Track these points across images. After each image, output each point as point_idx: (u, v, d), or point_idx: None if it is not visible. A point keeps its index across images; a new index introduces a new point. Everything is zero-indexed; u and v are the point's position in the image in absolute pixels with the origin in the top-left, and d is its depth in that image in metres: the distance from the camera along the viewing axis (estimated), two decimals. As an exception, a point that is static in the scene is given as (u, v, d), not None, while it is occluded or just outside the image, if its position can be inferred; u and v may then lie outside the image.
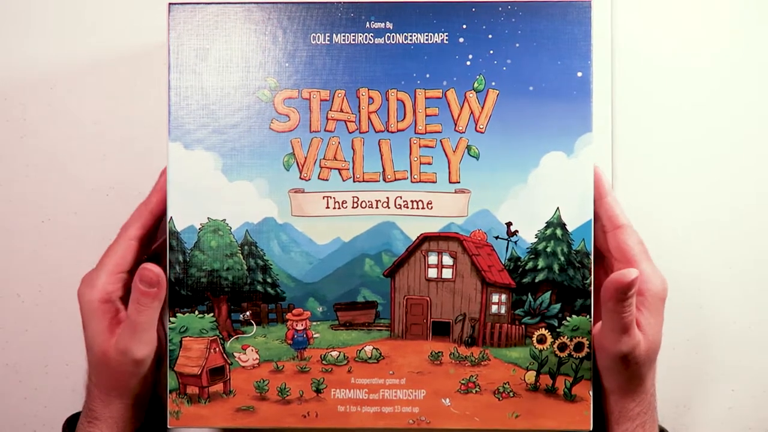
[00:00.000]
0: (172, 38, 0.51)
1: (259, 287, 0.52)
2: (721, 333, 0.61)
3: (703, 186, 0.60)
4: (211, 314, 0.52)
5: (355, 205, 0.51)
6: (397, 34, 0.51)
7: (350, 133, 0.52)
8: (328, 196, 0.51)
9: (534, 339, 0.52)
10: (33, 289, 0.61)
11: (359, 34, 0.51)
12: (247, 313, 0.52)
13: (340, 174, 0.52)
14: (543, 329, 0.52)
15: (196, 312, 0.52)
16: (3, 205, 0.61)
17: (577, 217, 0.51)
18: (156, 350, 0.51)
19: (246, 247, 0.52)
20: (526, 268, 0.52)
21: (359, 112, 0.51)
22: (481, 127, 0.51)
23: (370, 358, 0.52)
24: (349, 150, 0.51)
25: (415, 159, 0.52)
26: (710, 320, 0.61)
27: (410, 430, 0.52)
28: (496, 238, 0.52)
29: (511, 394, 0.52)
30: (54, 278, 0.61)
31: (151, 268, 0.49)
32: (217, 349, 0.52)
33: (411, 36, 0.51)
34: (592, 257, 0.52)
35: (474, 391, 0.52)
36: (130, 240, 0.51)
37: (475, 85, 0.51)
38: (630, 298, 0.48)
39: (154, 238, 0.54)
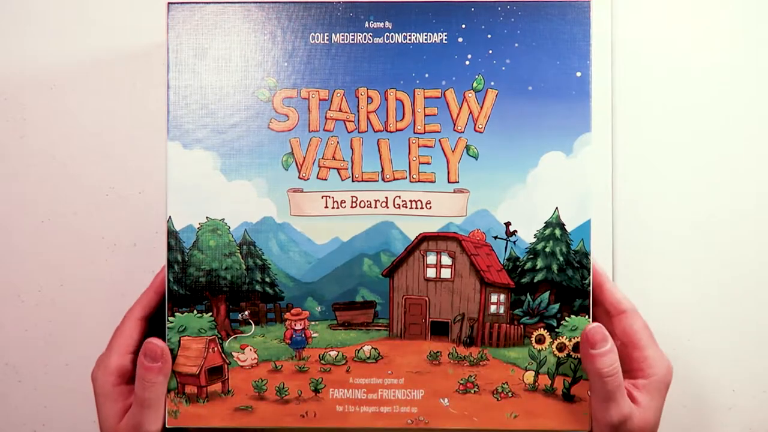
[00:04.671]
0: (171, 38, 0.51)
1: (257, 287, 0.52)
2: (721, 333, 0.61)
3: (702, 186, 0.60)
4: (210, 314, 0.52)
5: (354, 204, 0.51)
6: (396, 34, 0.51)
7: (349, 132, 0.52)
8: (326, 196, 0.51)
9: (533, 339, 0.52)
10: (33, 289, 0.61)
11: (358, 34, 0.51)
12: (246, 312, 0.52)
13: (339, 174, 0.52)
14: (542, 329, 0.52)
15: (195, 311, 0.52)
16: (3, 205, 0.61)
17: (576, 217, 0.51)
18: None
19: (244, 247, 0.52)
20: (525, 268, 0.52)
21: (358, 111, 0.51)
22: (480, 126, 0.51)
23: (368, 358, 0.52)
24: (347, 150, 0.51)
25: (414, 159, 0.52)
26: (710, 320, 0.60)
27: (409, 430, 0.52)
28: (495, 237, 0.52)
29: (510, 394, 0.52)
30: (54, 278, 0.61)
31: (155, 342, 0.50)
32: (216, 348, 0.52)
33: (410, 36, 0.51)
34: (591, 257, 0.51)
35: (473, 391, 0.52)
36: (136, 320, 0.52)
37: (474, 84, 0.51)
38: (604, 355, 0.49)
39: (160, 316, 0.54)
